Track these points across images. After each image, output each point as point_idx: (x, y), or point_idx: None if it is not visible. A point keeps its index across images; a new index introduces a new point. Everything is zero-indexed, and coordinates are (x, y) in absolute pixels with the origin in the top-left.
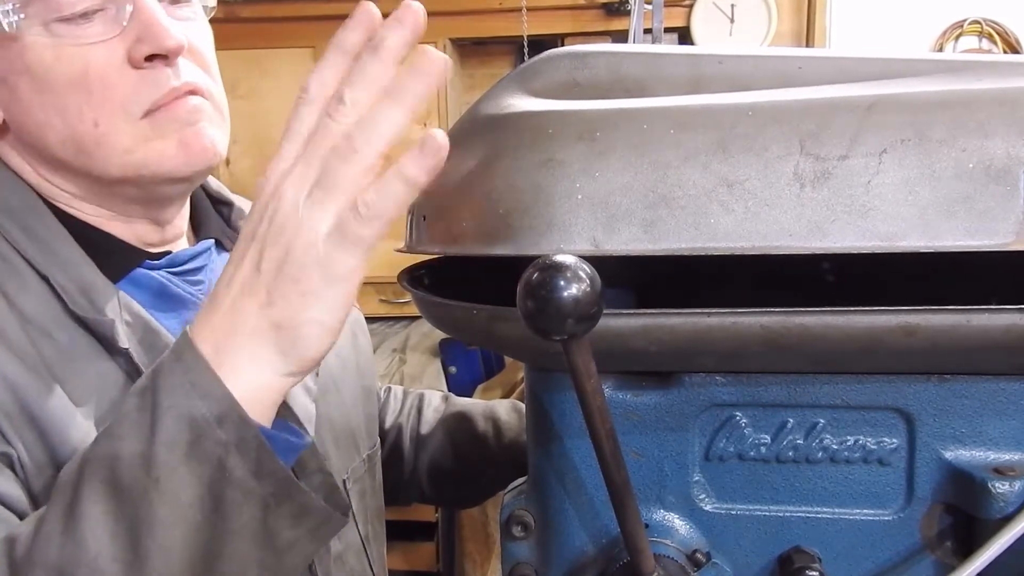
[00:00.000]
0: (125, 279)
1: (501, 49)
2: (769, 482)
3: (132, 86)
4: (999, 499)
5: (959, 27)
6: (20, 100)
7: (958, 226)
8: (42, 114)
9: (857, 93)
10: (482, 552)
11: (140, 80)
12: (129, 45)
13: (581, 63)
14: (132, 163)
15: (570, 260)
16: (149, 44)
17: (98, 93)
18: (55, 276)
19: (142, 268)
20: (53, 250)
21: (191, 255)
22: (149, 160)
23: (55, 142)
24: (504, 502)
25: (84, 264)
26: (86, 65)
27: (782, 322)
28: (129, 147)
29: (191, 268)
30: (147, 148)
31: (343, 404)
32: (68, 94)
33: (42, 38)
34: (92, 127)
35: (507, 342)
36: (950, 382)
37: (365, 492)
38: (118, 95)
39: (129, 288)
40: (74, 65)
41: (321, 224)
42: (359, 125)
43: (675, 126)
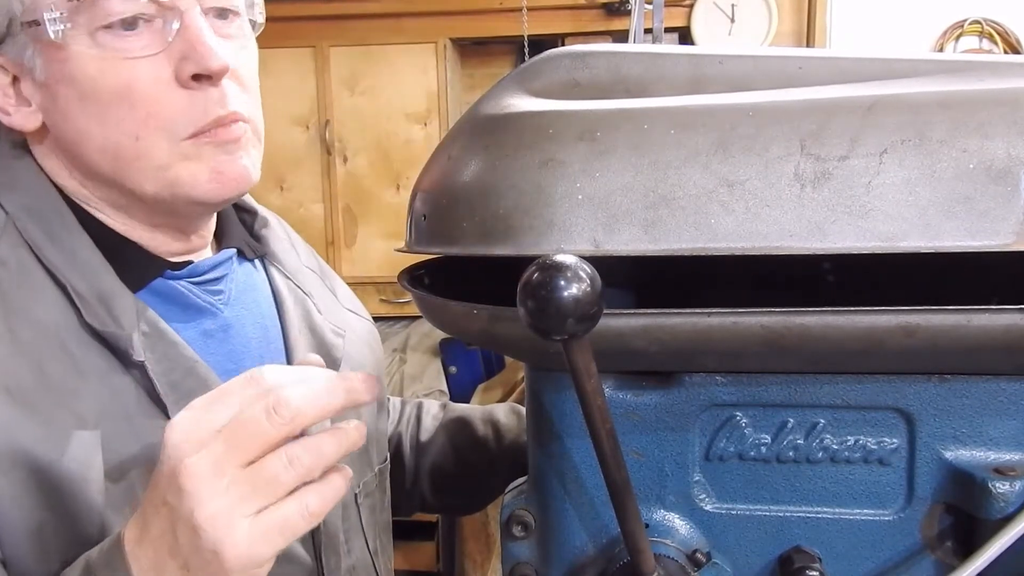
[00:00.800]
0: (145, 288)
1: (501, 49)
2: (769, 482)
3: (179, 108)
4: (999, 499)
5: (959, 27)
6: (61, 107)
7: (958, 226)
8: (83, 121)
9: (857, 93)
10: (482, 552)
11: (188, 102)
12: (175, 63)
13: (581, 63)
14: (166, 180)
15: (570, 260)
16: (194, 63)
17: (142, 109)
18: (74, 283)
19: (162, 278)
20: (75, 256)
21: (212, 265)
22: (182, 181)
23: (93, 151)
24: (504, 502)
25: (104, 272)
26: (132, 79)
27: (782, 322)
28: (165, 164)
29: (212, 278)
30: (182, 169)
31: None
32: (110, 106)
33: (88, 49)
34: (132, 140)
35: (507, 342)
36: (950, 382)
37: (375, 506)
38: (164, 114)
39: (148, 297)
40: (119, 78)
41: (245, 518)
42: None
43: (676, 126)
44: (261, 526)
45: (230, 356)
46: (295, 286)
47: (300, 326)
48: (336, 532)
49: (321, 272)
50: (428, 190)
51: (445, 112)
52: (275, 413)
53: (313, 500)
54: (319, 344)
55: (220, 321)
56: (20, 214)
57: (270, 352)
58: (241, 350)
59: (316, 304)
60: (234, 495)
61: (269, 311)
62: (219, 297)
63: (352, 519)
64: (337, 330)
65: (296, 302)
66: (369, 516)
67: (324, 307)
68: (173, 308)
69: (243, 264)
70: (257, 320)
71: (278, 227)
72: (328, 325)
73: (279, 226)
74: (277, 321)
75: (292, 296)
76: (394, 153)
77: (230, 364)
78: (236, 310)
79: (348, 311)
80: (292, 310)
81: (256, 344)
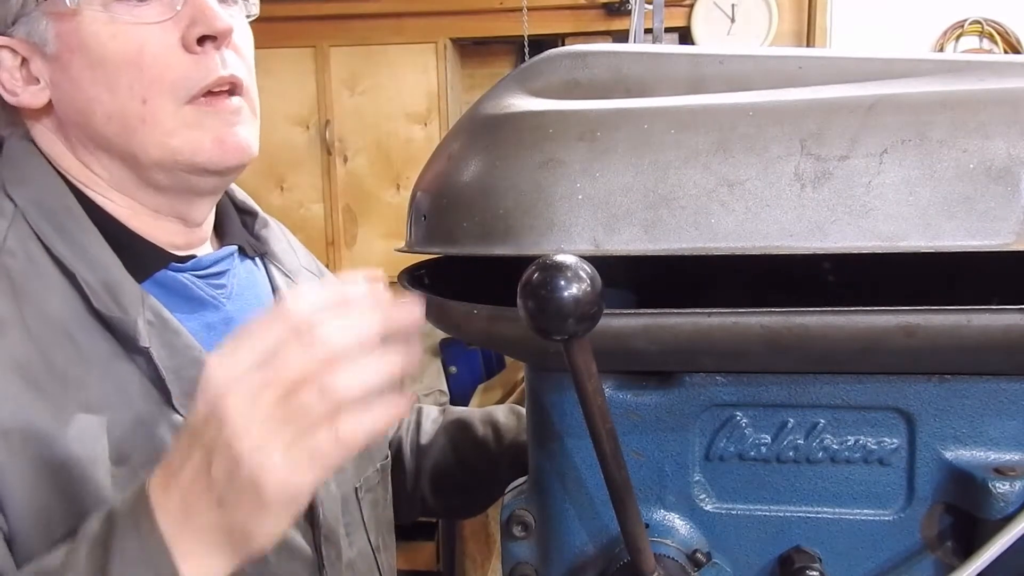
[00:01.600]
0: (150, 280)
1: (502, 49)
2: (769, 482)
3: (184, 69)
4: (1000, 499)
5: (960, 27)
6: (72, 76)
7: (959, 226)
8: (92, 89)
9: (858, 93)
10: (483, 552)
11: (193, 65)
12: (183, 29)
13: (582, 63)
14: (170, 147)
15: (570, 260)
16: (202, 25)
17: (150, 72)
18: (81, 273)
19: (167, 270)
20: (83, 247)
21: (215, 259)
22: (185, 147)
23: (101, 117)
24: (505, 502)
25: (112, 262)
26: (142, 44)
27: (783, 322)
28: (170, 129)
29: (215, 272)
30: (186, 135)
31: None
32: (121, 70)
33: (101, 14)
34: (140, 104)
35: (507, 342)
36: (950, 382)
37: (377, 502)
38: (169, 76)
39: (153, 288)
40: (130, 43)
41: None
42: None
43: (676, 126)
44: (295, 456)
45: None
46: (295, 285)
47: None
48: (336, 525)
49: (320, 274)
50: (428, 190)
51: (445, 112)
52: (310, 350)
53: (344, 427)
54: None
55: (222, 314)
56: (30, 207)
57: None
58: None
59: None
60: (271, 427)
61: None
62: (221, 291)
63: (353, 513)
64: None
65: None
66: (371, 511)
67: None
68: (177, 300)
69: (244, 261)
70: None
71: (276, 229)
72: None
73: (278, 228)
74: None
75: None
76: (394, 153)
77: None
78: (238, 304)
79: None
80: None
81: None
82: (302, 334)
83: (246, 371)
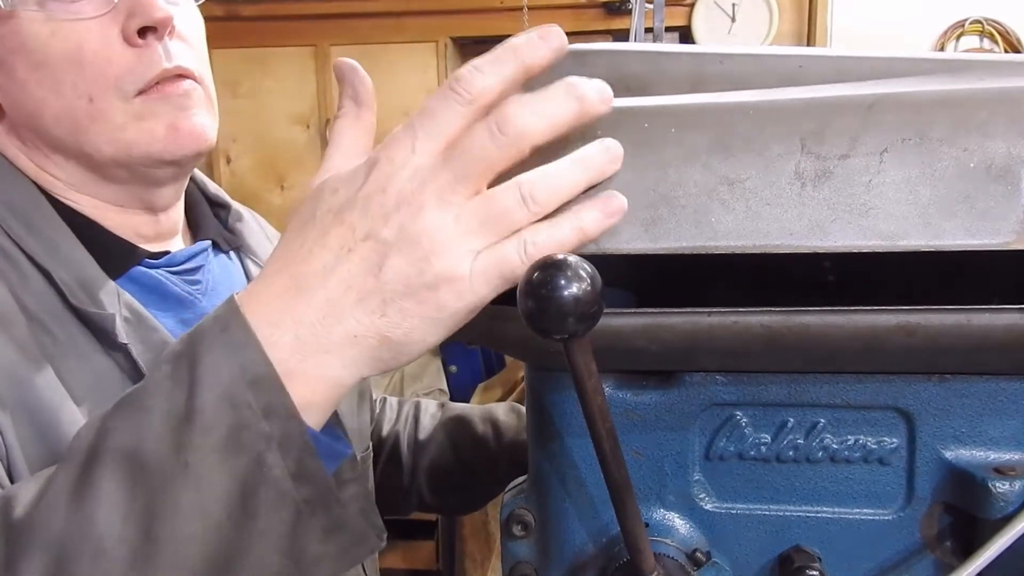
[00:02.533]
0: (124, 276)
1: None
2: (769, 481)
3: (126, 64)
4: (999, 499)
5: (960, 26)
6: (17, 79)
7: (959, 225)
8: (38, 91)
9: (858, 92)
10: (482, 551)
11: (134, 58)
12: (122, 21)
13: (582, 62)
14: (123, 141)
15: (571, 259)
16: (141, 17)
17: (92, 69)
18: (56, 271)
19: (141, 266)
20: (55, 246)
21: (189, 255)
22: (139, 140)
23: (50, 119)
24: (504, 501)
25: (85, 260)
26: (81, 41)
27: (783, 321)
28: (121, 124)
29: (189, 268)
30: (138, 127)
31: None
32: (63, 69)
33: (37, 14)
34: (87, 103)
35: (507, 341)
36: (950, 382)
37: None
38: (112, 72)
39: (128, 285)
40: (69, 41)
41: (471, 255)
42: (543, 175)
43: (676, 125)
44: (482, 263)
45: None
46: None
47: None
48: None
49: None
50: None
51: None
52: (499, 132)
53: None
54: None
55: (198, 311)
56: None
57: None
58: None
59: None
60: (463, 228)
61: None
62: (197, 287)
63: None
64: None
65: None
66: None
67: None
68: (152, 296)
69: (218, 256)
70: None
71: (252, 221)
72: None
73: (253, 220)
74: None
75: None
76: None
77: None
78: (213, 300)
79: None
80: None
81: None
82: (492, 124)
83: (431, 161)
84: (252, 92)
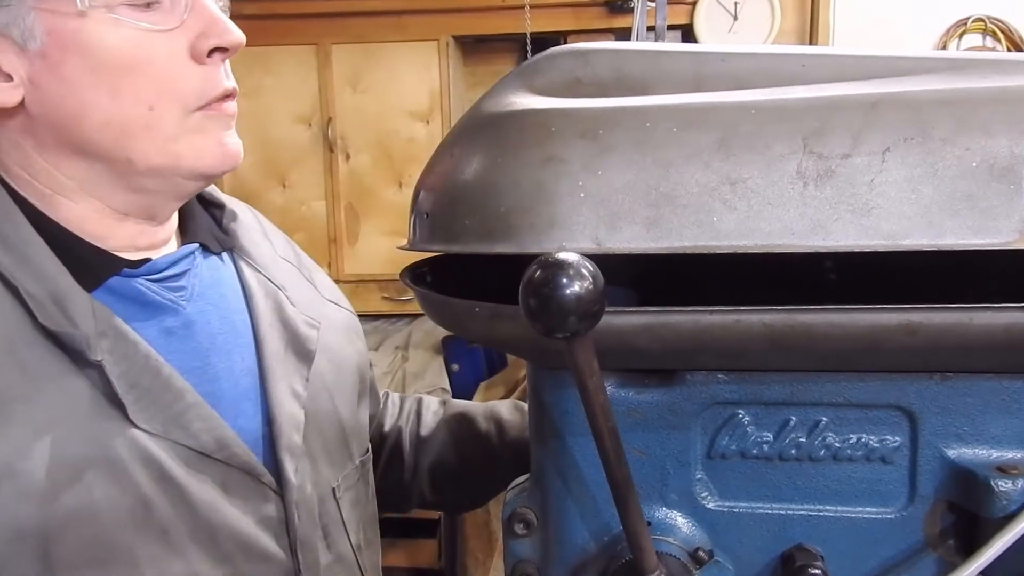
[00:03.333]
0: (101, 287)
1: (504, 46)
2: (771, 480)
3: (195, 81)
4: (1002, 497)
5: (963, 25)
6: (65, 78)
7: (961, 224)
8: (90, 93)
9: (860, 91)
10: (484, 550)
11: (202, 76)
12: (192, 38)
13: (584, 61)
14: (173, 152)
15: (572, 258)
16: (216, 38)
17: (159, 80)
18: (26, 285)
19: (120, 276)
20: (27, 257)
21: (171, 261)
22: (189, 153)
23: (96, 123)
24: (506, 500)
25: (58, 272)
26: (152, 51)
27: (785, 320)
28: (174, 136)
29: (172, 274)
30: (190, 141)
31: (335, 410)
32: (126, 76)
33: (107, 16)
34: (146, 111)
35: (509, 340)
36: (952, 380)
37: (359, 500)
38: (179, 86)
39: (105, 297)
40: (140, 49)
41: None
42: None
43: (678, 124)
44: None
45: (194, 353)
46: (265, 279)
47: (271, 319)
48: (312, 529)
49: (299, 263)
50: (430, 188)
51: (447, 110)
52: None
53: None
54: (292, 337)
55: (182, 318)
56: None
57: (239, 347)
58: (206, 346)
59: (289, 296)
60: None
61: (238, 305)
62: (180, 294)
63: (331, 514)
64: (311, 322)
65: (267, 295)
66: (351, 510)
67: (298, 299)
68: (131, 307)
69: (208, 258)
70: (224, 315)
71: (250, 219)
72: (302, 317)
73: (252, 218)
74: (247, 316)
75: (262, 289)
76: (396, 151)
77: (194, 361)
78: (200, 306)
79: (329, 302)
80: (262, 303)
81: (223, 340)
82: None
83: None
84: (253, 91)
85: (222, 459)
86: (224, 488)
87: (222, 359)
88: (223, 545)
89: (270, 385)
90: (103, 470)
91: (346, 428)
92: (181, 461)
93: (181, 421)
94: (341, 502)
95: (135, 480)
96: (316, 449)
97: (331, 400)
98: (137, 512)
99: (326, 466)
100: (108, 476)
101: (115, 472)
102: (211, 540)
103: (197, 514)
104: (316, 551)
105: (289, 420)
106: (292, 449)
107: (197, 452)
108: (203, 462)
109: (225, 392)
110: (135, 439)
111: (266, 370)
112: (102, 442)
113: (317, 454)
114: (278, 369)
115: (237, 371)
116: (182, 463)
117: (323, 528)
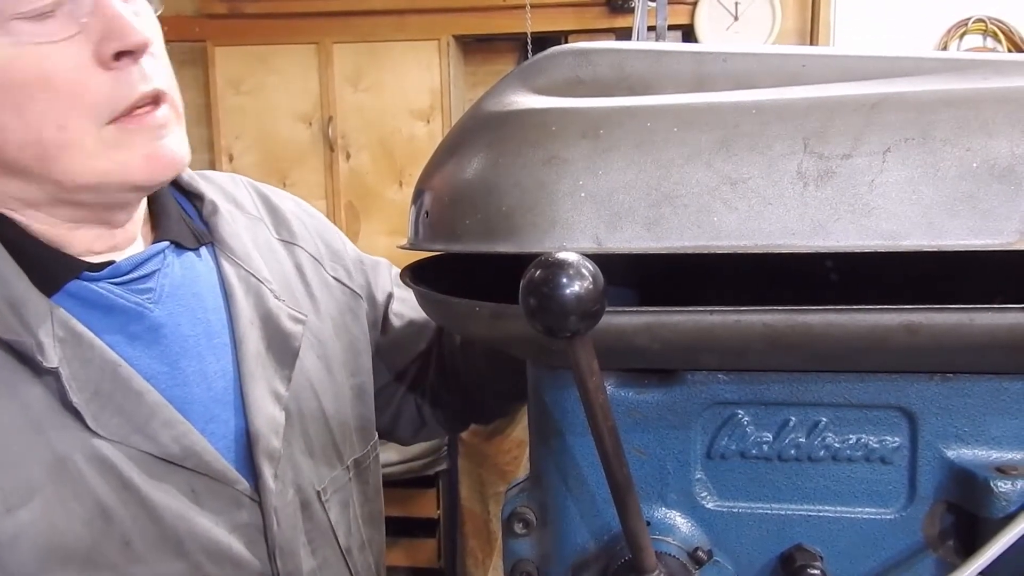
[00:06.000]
0: (62, 292)
1: (505, 46)
2: (771, 480)
3: (104, 90)
4: (1001, 498)
5: (964, 25)
6: None
7: (962, 225)
8: (1, 116)
9: (861, 92)
10: (484, 549)
11: (113, 83)
12: (95, 43)
13: (584, 60)
14: (96, 170)
15: (573, 257)
16: (117, 41)
17: (65, 96)
18: None
19: (81, 280)
20: None
21: (137, 262)
22: (113, 170)
23: (13, 146)
24: (506, 499)
25: (13, 276)
26: (51, 65)
27: (785, 320)
28: (94, 152)
29: (137, 276)
30: (112, 156)
31: (321, 410)
32: (30, 95)
33: (1, 38)
34: (56, 131)
35: (510, 339)
36: (953, 381)
37: (350, 502)
38: (87, 98)
39: (66, 301)
40: (38, 65)
41: None
42: None
43: (678, 124)
44: None
45: (162, 357)
46: (247, 273)
47: (251, 316)
48: (294, 534)
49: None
50: (431, 187)
51: (448, 109)
52: None
53: None
54: (273, 334)
55: (148, 322)
56: None
57: (213, 349)
58: (176, 350)
59: (272, 290)
60: None
61: (214, 304)
62: (147, 296)
63: (317, 518)
64: (296, 315)
65: (248, 291)
66: (340, 513)
67: (286, 289)
68: (94, 312)
69: (183, 256)
70: (197, 316)
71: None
72: (286, 311)
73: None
74: (224, 315)
75: (243, 285)
76: (397, 150)
77: (162, 366)
78: (169, 308)
79: (333, 280)
80: (242, 300)
81: (194, 342)
82: None
83: None
84: (255, 90)
85: (190, 466)
86: (193, 495)
87: (193, 363)
88: (192, 554)
89: (248, 387)
90: (58, 479)
91: (334, 428)
92: (143, 469)
93: (144, 428)
94: (328, 505)
95: (93, 489)
96: (299, 452)
97: (317, 399)
98: (95, 522)
99: (310, 469)
100: (64, 485)
101: (71, 481)
102: (178, 549)
103: (162, 522)
104: (297, 557)
105: (268, 423)
106: (270, 453)
107: (161, 459)
108: (168, 469)
109: (196, 397)
110: (93, 447)
111: (244, 372)
112: (57, 451)
113: (299, 457)
114: (257, 370)
115: (211, 374)
116: (143, 471)
117: (306, 534)
